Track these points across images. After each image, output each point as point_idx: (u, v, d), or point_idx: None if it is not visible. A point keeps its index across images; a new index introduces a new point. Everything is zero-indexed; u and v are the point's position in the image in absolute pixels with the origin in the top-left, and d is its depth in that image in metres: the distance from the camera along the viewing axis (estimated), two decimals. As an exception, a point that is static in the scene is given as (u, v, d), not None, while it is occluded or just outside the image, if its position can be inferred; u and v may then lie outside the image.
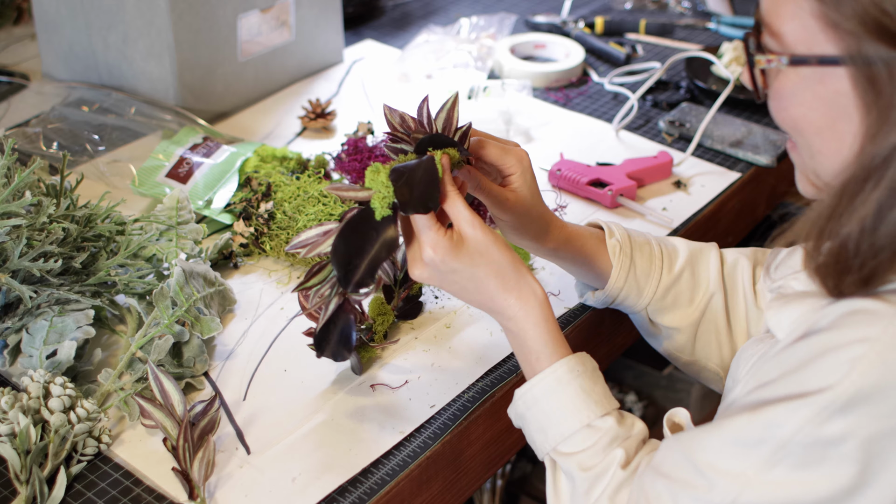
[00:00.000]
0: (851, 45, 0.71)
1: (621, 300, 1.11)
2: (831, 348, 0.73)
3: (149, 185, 1.36)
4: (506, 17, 1.86)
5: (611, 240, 1.09)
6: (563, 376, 0.92)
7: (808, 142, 0.78)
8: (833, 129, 0.75)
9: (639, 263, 1.09)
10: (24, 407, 0.97)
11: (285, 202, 1.29)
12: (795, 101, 0.77)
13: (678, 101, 1.66)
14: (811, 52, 0.74)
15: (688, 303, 1.11)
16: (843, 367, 0.72)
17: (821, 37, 0.73)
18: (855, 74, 0.71)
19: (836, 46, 0.72)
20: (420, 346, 1.15)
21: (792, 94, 0.77)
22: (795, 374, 0.75)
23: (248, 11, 1.56)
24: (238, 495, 0.96)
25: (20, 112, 1.57)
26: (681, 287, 1.10)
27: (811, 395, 0.73)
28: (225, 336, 1.16)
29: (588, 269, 1.10)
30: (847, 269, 0.74)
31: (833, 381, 0.72)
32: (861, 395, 0.71)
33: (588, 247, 1.09)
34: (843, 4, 0.70)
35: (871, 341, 0.71)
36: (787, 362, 0.76)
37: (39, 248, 1.04)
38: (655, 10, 2.03)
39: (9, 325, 1.07)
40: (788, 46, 0.76)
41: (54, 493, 0.95)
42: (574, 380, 0.92)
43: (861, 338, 0.72)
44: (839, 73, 0.73)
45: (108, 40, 1.55)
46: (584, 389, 0.92)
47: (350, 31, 1.89)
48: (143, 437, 1.02)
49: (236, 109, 1.62)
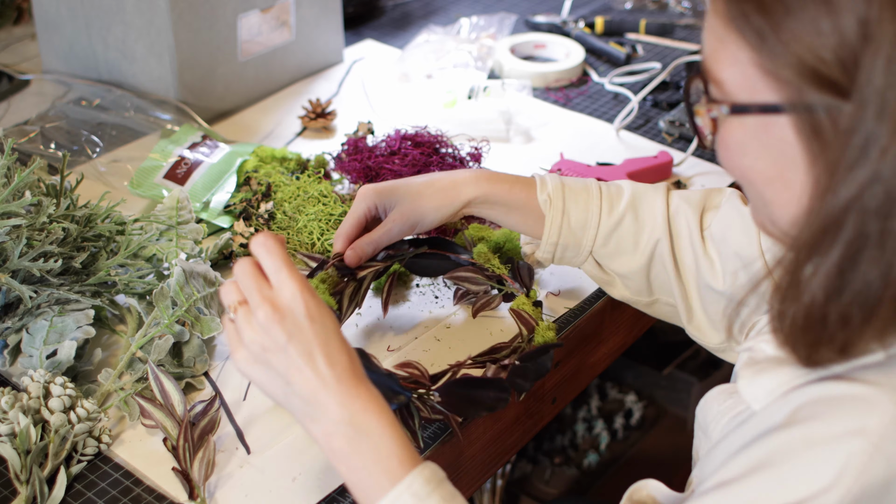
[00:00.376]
0: (792, 93, 0.67)
1: (560, 254, 1.10)
2: (820, 442, 0.68)
3: (146, 187, 1.36)
4: (506, 17, 1.86)
5: (541, 195, 1.08)
6: (419, 490, 0.79)
7: (759, 192, 0.74)
8: (783, 179, 0.71)
9: (573, 214, 1.07)
10: (25, 407, 0.97)
11: (285, 202, 1.29)
12: (741, 150, 0.72)
13: (678, 101, 1.66)
14: (753, 99, 0.69)
15: (633, 248, 1.08)
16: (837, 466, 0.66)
17: (761, 84, 0.69)
18: (798, 123, 0.67)
19: (776, 94, 0.68)
20: (420, 347, 1.15)
21: (738, 143, 0.72)
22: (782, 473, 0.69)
23: (248, 11, 1.56)
24: (238, 495, 0.96)
25: (20, 112, 1.57)
26: (622, 232, 1.07)
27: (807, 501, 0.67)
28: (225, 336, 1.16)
29: (518, 224, 1.10)
30: (818, 340, 0.70)
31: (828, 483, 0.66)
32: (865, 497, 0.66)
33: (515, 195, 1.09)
34: (777, 54, 0.66)
35: (866, 434, 0.66)
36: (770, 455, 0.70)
37: (39, 248, 1.04)
38: (655, 10, 2.03)
39: (9, 325, 1.07)
40: (729, 94, 0.71)
41: (54, 493, 0.95)
42: (433, 492, 0.79)
43: (854, 430, 0.67)
44: (783, 122, 0.68)
45: (108, 40, 1.55)
46: (444, 500, 0.79)
47: (350, 31, 1.89)
48: (143, 437, 1.02)
49: (236, 109, 1.62)
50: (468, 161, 1.40)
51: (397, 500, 0.79)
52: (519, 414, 1.14)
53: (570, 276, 1.25)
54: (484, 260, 1.17)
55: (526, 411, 1.15)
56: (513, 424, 1.14)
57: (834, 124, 0.65)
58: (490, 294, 1.19)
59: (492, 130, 1.54)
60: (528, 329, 1.10)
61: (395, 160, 1.38)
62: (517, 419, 1.15)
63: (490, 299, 1.19)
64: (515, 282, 1.16)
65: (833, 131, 0.65)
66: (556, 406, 1.22)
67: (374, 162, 1.39)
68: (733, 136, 0.73)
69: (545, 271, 1.27)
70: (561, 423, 2.02)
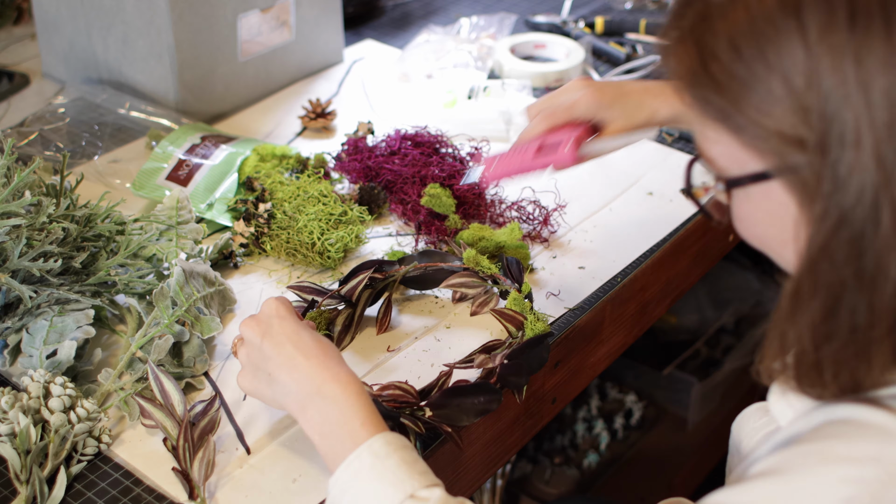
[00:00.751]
0: (774, 158, 0.68)
1: None
2: (836, 461, 0.68)
3: (149, 188, 1.36)
4: (506, 17, 1.86)
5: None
6: (379, 450, 0.84)
7: (779, 255, 0.75)
8: (795, 240, 0.72)
9: None
10: (25, 407, 0.97)
11: (285, 202, 1.29)
12: (752, 221, 0.74)
13: (678, 101, 1.66)
14: (743, 171, 0.71)
15: None
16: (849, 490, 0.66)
17: (745, 156, 0.70)
18: (788, 185, 0.69)
19: (762, 162, 0.69)
20: (420, 346, 1.15)
21: (746, 214, 0.74)
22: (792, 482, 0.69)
23: (248, 11, 1.56)
24: (238, 495, 0.96)
25: (20, 112, 1.57)
26: None
27: None
28: (225, 336, 1.16)
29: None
30: (820, 384, 0.71)
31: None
32: None
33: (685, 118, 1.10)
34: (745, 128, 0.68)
35: (882, 463, 0.67)
36: (784, 463, 0.71)
37: (39, 248, 1.04)
38: (655, 10, 2.03)
39: (9, 325, 1.07)
40: (723, 170, 0.73)
41: (54, 493, 0.95)
42: (393, 452, 0.85)
43: (872, 457, 0.67)
44: (776, 186, 0.70)
45: (108, 40, 1.55)
46: (405, 461, 0.84)
47: (350, 31, 1.89)
48: (143, 437, 1.02)
49: (236, 109, 1.62)
50: (468, 161, 1.40)
51: (358, 458, 0.84)
52: (519, 414, 1.14)
53: (570, 276, 1.25)
54: (473, 263, 1.17)
55: (526, 411, 1.15)
56: (513, 424, 1.14)
57: (817, 179, 0.67)
58: (488, 293, 1.19)
59: (492, 130, 1.54)
60: (516, 326, 1.11)
61: (395, 160, 1.38)
62: (517, 419, 1.15)
63: (488, 298, 1.19)
64: (507, 278, 1.17)
65: (817, 185, 0.67)
66: (556, 406, 1.22)
67: (374, 162, 1.39)
68: (741, 209, 0.74)
69: (545, 271, 1.27)
70: (561, 423, 2.02)
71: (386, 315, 1.17)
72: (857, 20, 0.64)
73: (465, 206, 1.33)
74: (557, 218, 1.35)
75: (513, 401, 1.10)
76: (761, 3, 0.67)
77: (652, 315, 1.36)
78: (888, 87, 0.64)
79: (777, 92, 0.66)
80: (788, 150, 0.67)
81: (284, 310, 0.96)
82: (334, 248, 1.24)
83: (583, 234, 1.34)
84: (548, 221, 1.33)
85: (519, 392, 1.09)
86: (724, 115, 0.69)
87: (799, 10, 0.65)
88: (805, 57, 0.65)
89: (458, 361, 1.09)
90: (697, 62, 0.69)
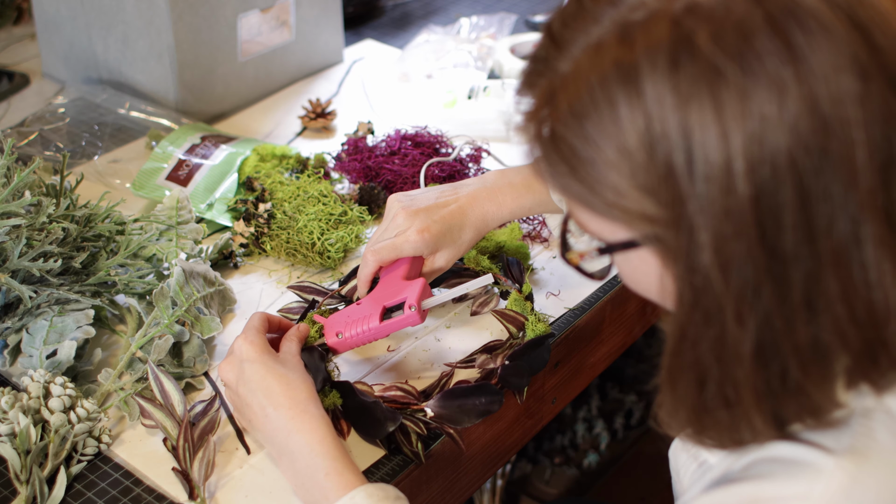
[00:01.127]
0: (638, 229, 0.68)
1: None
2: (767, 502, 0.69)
3: (149, 189, 1.36)
4: (506, 17, 1.86)
5: (554, 195, 1.12)
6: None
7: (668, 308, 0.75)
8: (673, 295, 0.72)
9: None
10: (25, 407, 0.97)
11: (285, 202, 1.29)
12: (633, 279, 0.75)
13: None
14: (614, 239, 0.71)
15: None
16: None
17: (614, 227, 0.70)
18: (656, 251, 0.69)
19: (629, 231, 0.69)
20: (420, 347, 1.15)
21: (628, 273, 0.75)
22: None
23: (248, 11, 1.56)
24: (238, 495, 0.96)
25: (20, 112, 1.57)
26: None
27: None
28: (225, 336, 1.16)
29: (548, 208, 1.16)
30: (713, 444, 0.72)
31: None
32: None
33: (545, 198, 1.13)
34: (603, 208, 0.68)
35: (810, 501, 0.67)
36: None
37: (39, 248, 1.04)
38: (655, 10, 2.03)
39: (9, 325, 1.07)
40: (594, 235, 0.73)
41: (54, 493, 0.95)
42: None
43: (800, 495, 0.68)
44: (645, 253, 0.70)
45: (108, 40, 1.55)
46: None
47: (350, 31, 1.89)
48: (143, 437, 1.02)
49: (236, 109, 1.62)
50: (468, 161, 1.40)
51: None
52: (519, 414, 1.14)
53: (570, 277, 1.25)
54: (474, 264, 1.17)
55: (526, 411, 1.15)
56: (513, 424, 1.14)
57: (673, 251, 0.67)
58: (489, 294, 1.19)
59: (492, 130, 1.54)
60: (517, 326, 1.11)
61: (395, 160, 1.38)
62: (517, 419, 1.15)
63: (488, 298, 1.19)
64: (507, 279, 1.17)
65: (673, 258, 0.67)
66: (556, 406, 1.22)
67: (374, 162, 1.39)
68: (622, 268, 0.76)
69: (545, 271, 1.27)
70: (561, 423, 2.02)
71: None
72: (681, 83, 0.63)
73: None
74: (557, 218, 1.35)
75: (513, 401, 1.10)
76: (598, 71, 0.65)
77: (652, 315, 1.36)
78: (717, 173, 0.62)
79: (623, 170, 0.65)
80: (645, 226, 0.67)
81: (254, 351, 0.97)
82: (334, 248, 1.24)
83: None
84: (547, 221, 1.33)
85: (520, 393, 1.09)
86: (584, 200, 0.69)
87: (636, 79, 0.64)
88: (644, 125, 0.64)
89: (459, 361, 1.09)
90: (550, 147, 0.69)
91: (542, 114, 0.69)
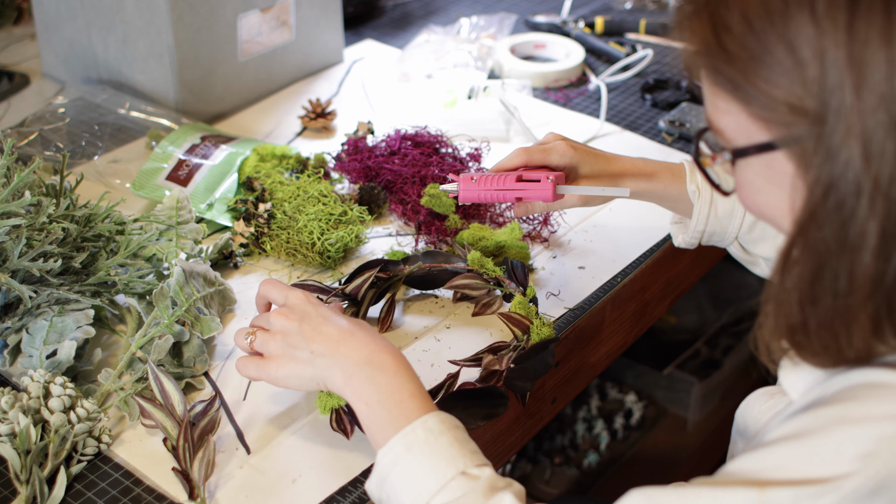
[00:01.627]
0: (780, 129, 0.72)
1: (707, 239, 1.19)
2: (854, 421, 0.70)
3: (149, 189, 1.36)
4: (506, 17, 1.86)
5: (690, 185, 1.16)
6: (434, 427, 0.87)
7: (779, 225, 0.78)
8: (793, 209, 0.74)
9: (720, 203, 1.15)
10: (25, 407, 0.97)
11: (285, 202, 1.29)
12: (754, 189, 0.77)
13: (678, 100, 1.66)
14: (750, 142, 0.74)
15: (776, 233, 1.12)
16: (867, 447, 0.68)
17: (753, 127, 0.73)
18: (792, 155, 0.72)
19: (768, 133, 0.73)
20: (420, 346, 1.15)
21: (749, 183, 0.77)
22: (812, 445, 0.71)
23: (248, 11, 1.56)
24: (238, 495, 0.96)
25: (20, 112, 1.57)
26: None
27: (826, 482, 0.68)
28: (225, 336, 1.16)
29: (672, 209, 1.21)
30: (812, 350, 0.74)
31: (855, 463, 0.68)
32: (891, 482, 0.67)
33: (670, 190, 1.17)
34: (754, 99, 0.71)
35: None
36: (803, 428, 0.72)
37: (39, 248, 1.04)
38: (655, 10, 2.03)
39: (9, 325, 1.07)
40: (730, 141, 0.76)
41: (54, 493, 0.95)
42: (447, 431, 0.88)
43: (891, 414, 0.69)
44: (781, 157, 0.73)
45: (107, 40, 1.55)
46: (458, 440, 0.87)
47: (350, 31, 1.89)
48: (143, 437, 1.02)
49: (236, 109, 1.62)
50: (468, 161, 1.41)
51: (412, 432, 0.87)
52: (519, 414, 1.14)
53: (570, 277, 1.25)
54: (478, 266, 1.17)
55: (526, 411, 1.16)
56: (513, 424, 1.14)
57: (815, 147, 0.70)
58: (491, 295, 1.19)
59: (492, 130, 1.54)
60: (522, 330, 1.11)
61: (395, 160, 1.38)
62: (517, 419, 1.15)
63: (491, 300, 1.19)
64: (511, 281, 1.17)
65: (815, 153, 0.70)
66: (556, 406, 1.22)
67: (374, 162, 1.39)
68: (744, 178, 0.78)
69: (545, 271, 1.27)
70: (561, 423, 2.02)
71: (389, 314, 1.17)
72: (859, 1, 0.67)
73: (464, 206, 1.33)
74: (557, 218, 1.35)
75: (513, 401, 1.10)
76: None
77: (652, 315, 1.37)
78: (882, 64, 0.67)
79: (785, 63, 0.69)
80: (792, 120, 0.70)
81: (314, 297, 1.00)
82: (334, 248, 1.24)
83: (583, 234, 1.34)
84: (548, 221, 1.33)
85: (523, 397, 1.09)
86: (735, 86, 0.72)
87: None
88: (813, 31, 0.68)
89: (465, 360, 1.09)
90: (711, 34, 0.73)
91: (708, 6, 0.73)
